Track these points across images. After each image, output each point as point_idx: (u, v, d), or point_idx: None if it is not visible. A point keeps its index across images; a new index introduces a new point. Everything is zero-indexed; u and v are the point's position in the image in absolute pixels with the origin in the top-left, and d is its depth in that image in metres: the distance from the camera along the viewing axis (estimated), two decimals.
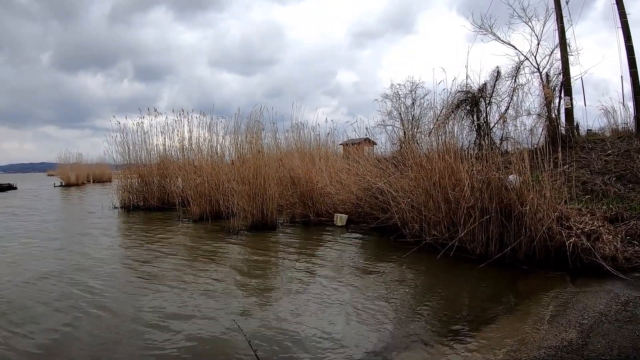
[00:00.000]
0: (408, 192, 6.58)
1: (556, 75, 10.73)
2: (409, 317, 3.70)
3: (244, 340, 3.02)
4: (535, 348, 2.88)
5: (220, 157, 11.22)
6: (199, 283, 4.84)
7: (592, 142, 9.36)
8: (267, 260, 6.11)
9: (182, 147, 12.93)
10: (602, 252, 4.47)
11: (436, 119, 8.01)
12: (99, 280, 5.01)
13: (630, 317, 3.24)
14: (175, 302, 4.17)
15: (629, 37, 9.90)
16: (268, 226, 8.36)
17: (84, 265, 5.77)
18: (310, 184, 8.91)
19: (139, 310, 3.95)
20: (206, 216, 9.53)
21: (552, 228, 4.83)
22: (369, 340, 3.21)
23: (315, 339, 3.23)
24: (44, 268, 5.58)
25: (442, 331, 3.34)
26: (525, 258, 4.95)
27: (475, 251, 5.34)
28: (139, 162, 13.67)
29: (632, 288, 3.91)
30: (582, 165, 8.08)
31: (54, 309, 4.02)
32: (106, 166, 29.62)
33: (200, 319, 3.72)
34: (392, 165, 7.63)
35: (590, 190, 6.97)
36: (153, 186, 13.27)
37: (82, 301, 4.21)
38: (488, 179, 5.33)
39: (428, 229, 6.04)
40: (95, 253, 6.61)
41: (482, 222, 5.29)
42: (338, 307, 3.93)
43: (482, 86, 11.86)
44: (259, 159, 8.52)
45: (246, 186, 8.41)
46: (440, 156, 6.02)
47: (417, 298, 4.23)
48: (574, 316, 3.37)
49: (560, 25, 10.28)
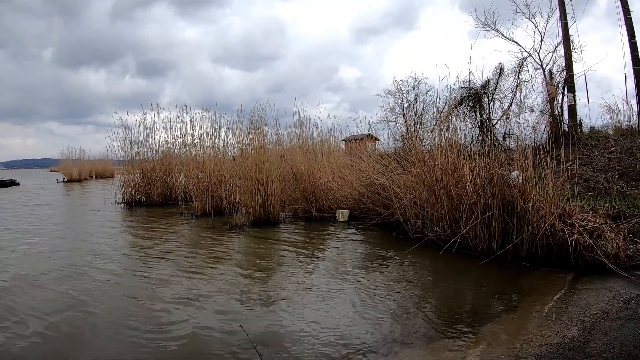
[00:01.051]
0: (410, 188, 6.59)
1: (559, 72, 10.68)
2: (411, 313, 3.71)
3: (246, 339, 3.03)
4: (537, 345, 2.89)
5: (222, 152, 11.24)
6: (200, 279, 4.87)
7: (595, 139, 9.33)
8: (269, 256, 6.13)
9: (184, 142, 12.94)
10: (605, 249, 4.46)
11: (439, 115, 7.98)
12: (101, 274, 5.05)
13: (632, 315, 3.25)
14: (177, 298, 4.19)
15: (633, 34, 9.84)
16: (270, 222, 8.38)
17: (84, 261, 5.80)
18: (313, 180, 8.92)
19: (136, 307, 3.98)
20: (208, 212, 9.57)
21: (554, 225, 4.83)
22: (371, 336, 3.23)
23: (318, 335, 3.25)
24: (41, 267, 5.60)
25: (444, 327, 3.36)
26: (527, 255, 4.95)
27: (478, 248, 5.34)
28: (142, 157, 13.69)
29: (634, 286, 3.91)
30: (584, 162, 8.05)
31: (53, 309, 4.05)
32: (109, 162, 29.70)
33: (202, 315, 3.75)
34: (394, 162, 7.63)
35: (592, 187, 6.95)
36: (155, 182, 13.30)
37: (83, 297, 4.24)
38: (491, 176, 5.33)
39: (430, 225, 6.05)
40: (96, 248, 6.65)
41: (484, 218, 5.29)
42: (340, 303, 3.95)
43: (485, 82, 11.82)
44: (261, 154, 8.53)
45: (248, 182, 8.42)
46: (443, 152, 6.01)
47: (419, 294, 4.25)
48: (575, 314, 3.38)
49: (564, 21, 10.22)
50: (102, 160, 30.56)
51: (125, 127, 13.75)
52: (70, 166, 29.18)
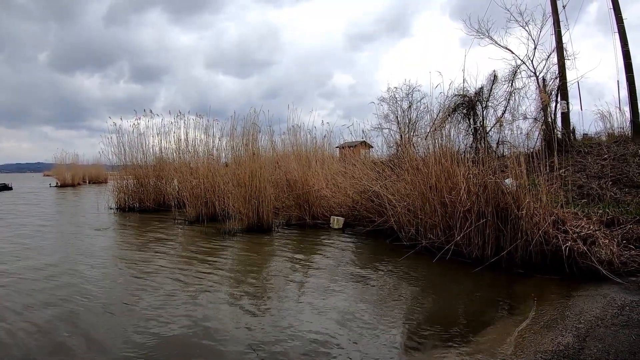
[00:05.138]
0: (404, 195, 6.57)
1: (553, 80, 10.76)
2: (405, 321, 3.67)
3: (239, 349, 2.98)
4: (532, 352, 2.86)
5: (216, 159, 11.20)
6: (192, 287, 4.79)
7: (588, 146, 9.38)
8: (262, 264, 6.07)
9: (178, 148, 12.88)
10: (599, 256, 4.45)
11: (433, 122, 8.00)
12: (92, 283, 4.96)
13: (627, 322, 3.22)
14: (167, 306, 4.12)
15: (626, 41, 9.95)
16: (264, 229, 8.32)
17: (76, 269, 5.71)
18: (307, 187, 8.89)
19: (128, 313, 3.90)
20: (202, 218, 9.50)
21: (548, 232, 4.82)
22: (365, 344, 3.17)
23: (311, 345, 3.19)
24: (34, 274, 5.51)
25: (438, 335, 3.31)
26: (521, 262, 4.93)
27: (472, 255, 5.32)
28: (135, 163, 13.62)
29: (629, 292, 3.89)
30: (578, 169, 8.08)
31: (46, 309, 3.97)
32: (102, 167, 29.53)
33: (193, 323, 3.68)
34: (388, 169, 7.62)
35: (586, 194, 6.96)
36: (149, 187, 13.24)
37: (74, 304, 4.16)
38: (484, 183, 5.32)
39: (424, 232, 6.03)
40: (88, 256, 6.54)
41: (478, 225, 5.27)
42: (334, 312, 3.89)
43: (479, 90, 11.85)
44: (254, 161, 8.49)
45: (242, 188, 8.37)
46: (437, 160, 6.01)
47: (413, 302, 4.20)
48: (570, 320, 3.35)
49: (557, 29, 10.32)
50: (95, 166, 30.34)
51: (119, 132, 13.74)
52: (64, 171, 29.01)
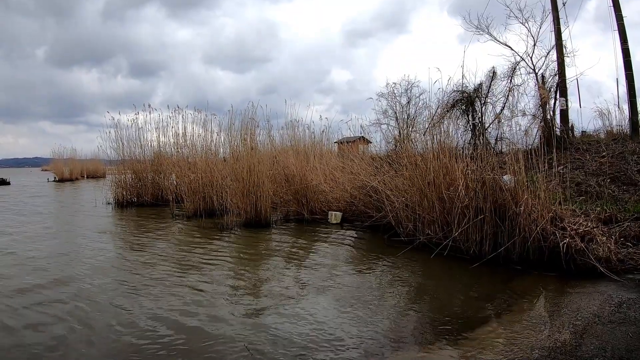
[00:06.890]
0: (402, 191, 6.55)
1: (552, 77, 10.73)
2: (402, 317, 3.67)
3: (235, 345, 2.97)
4: (529, 349, 2.86)
5: (214, 153, 11.17)
6: (188, 282, 4.78)
7: (587, 143, 9.38)
8: (259, 259, 6.06)
9: (176, 143, 12.85)
10: (596, 253, 4.45)
11: (431, 118, 7.98)
12: (90, 278, 4.95)
13: (624, 319, 3.22)
14: (164, 302, 4.11)
15: (626, 39, 9.90)
16: (262, 223, 8.30)
17: (72, 265, 5.70)
18: (305, 182, 8.86)
19: (125, 311, 3.88)
20: (200, 213, 9.47)
21: (546, 229, 4.81)
22: (362, 339, 3.17)
23: (308, 339, 3.18)
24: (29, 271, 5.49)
25: (435, 331, 3.31)
26: (519, 258, 4.93)
27: (469, 251, 5.31)
28: (133, 158, 13.59)
29: (626, 289, 3.90)
30: (576, 166, 8.08)
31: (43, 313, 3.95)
32: (100, 162, 29.41)
33: (188, 320, 3.67)
34: (386, 164, 7.60)
35: (584, 191, 6.96)
36: (147, 182, 13.21)
37: (72, 303, 4.14)
38: (482, 179, 5.31)
39: (422, 228, 6.01)
40: (86, 251, 6.53)
41: (476, 221, 5.26)
42: (331, 306, 3.89)
43: (478, 86, 11.83)
44: (252, 156, 8.46)
45: (240, 183, 8.35)
46: (435, 155, 5.99)
47: (410, 297, 4.20)
48: (567, 317, 3.35)
49: (557, 26, 10.27)
50: (93, 160, 30.25)
51: (117, 127, 13.71)
52: (62, 165, 28.88)
